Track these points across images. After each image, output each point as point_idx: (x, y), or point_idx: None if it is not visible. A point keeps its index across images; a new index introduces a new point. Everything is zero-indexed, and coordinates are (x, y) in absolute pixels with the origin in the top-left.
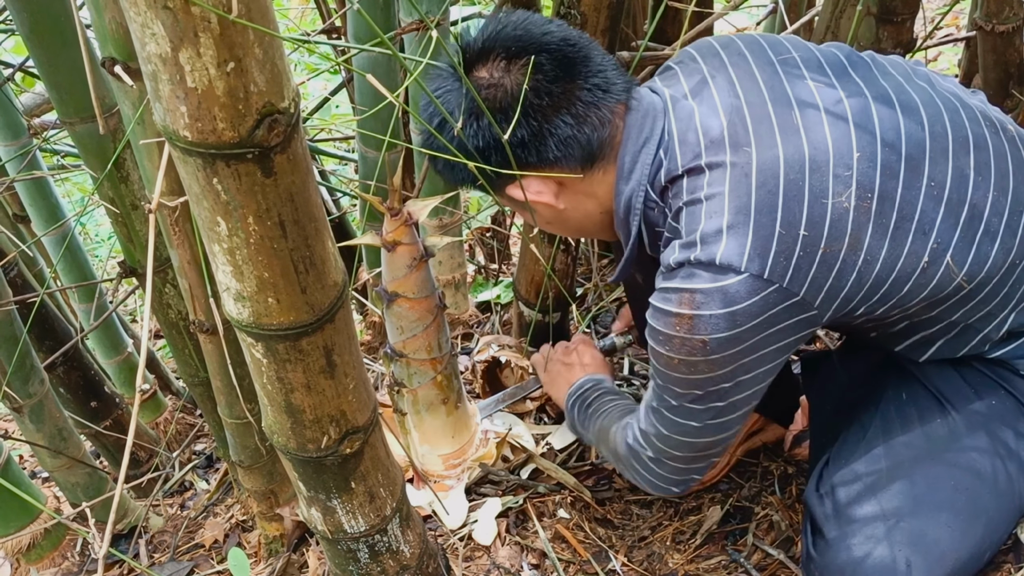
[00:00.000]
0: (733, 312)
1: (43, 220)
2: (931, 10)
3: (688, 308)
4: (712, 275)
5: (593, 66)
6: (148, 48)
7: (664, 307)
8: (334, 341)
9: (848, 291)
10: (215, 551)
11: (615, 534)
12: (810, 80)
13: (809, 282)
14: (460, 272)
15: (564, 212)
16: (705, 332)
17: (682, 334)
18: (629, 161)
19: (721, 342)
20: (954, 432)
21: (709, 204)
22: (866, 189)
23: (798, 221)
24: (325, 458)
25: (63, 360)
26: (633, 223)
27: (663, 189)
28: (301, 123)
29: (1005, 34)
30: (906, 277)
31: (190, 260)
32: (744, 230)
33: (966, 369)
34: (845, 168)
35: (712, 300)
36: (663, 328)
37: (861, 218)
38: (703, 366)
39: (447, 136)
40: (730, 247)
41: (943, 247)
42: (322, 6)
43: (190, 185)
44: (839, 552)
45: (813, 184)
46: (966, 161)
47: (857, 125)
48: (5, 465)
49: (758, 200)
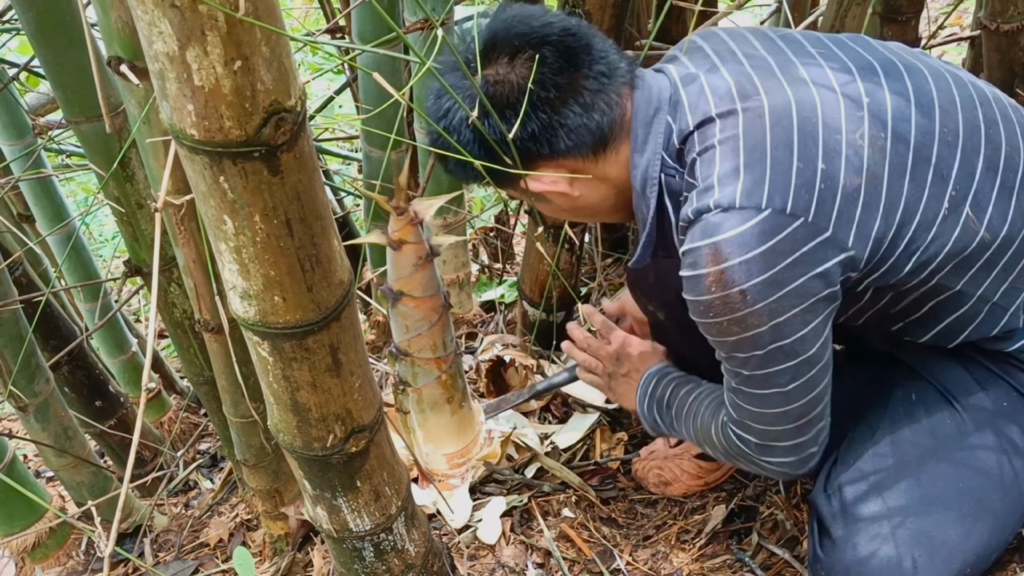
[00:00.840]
0: (763, 252)
1: (48, 219)
2: (935, 9)
3: (715, 264)
4: (732, 220)
5: (596, 53)
6: (155, 46)
7: (693, 273)
8: (340, 339)
9: (878, 229)
10: (220, 550)
11: (620, 533)
12: (811, 48)
13: (836, 216)
14: (464, 271)
15: (579, 199)
16: (740, 281)
17: (719, 292)
18: (642, 132)
19: (760, 288)
20: (962, 431)
21: (723, 147)
22: (879, 129)
23: (815, 155)
24: (331, 456)
25: (68, 359)
26: (651, 195)
27: (678, 152)
28: (307, 122)
29: (1009, 33)
30: (929, 222)
31: (195, 259)
32: (761, 167)
33: (974, 366)
34: (856, 109)
35: (738, 246)
36: (700, 295)
37: (876, 155)
38: (752, 319)
39: (456, 135)
40: (747, 184)
41: (962, 195)
42: (326, 5)
43: (197, 184)
44: (846, 551)
45: (827, 120)
46: (975, 114)
47: (863, 78)
48: (10, 464)
49: (773, 137)
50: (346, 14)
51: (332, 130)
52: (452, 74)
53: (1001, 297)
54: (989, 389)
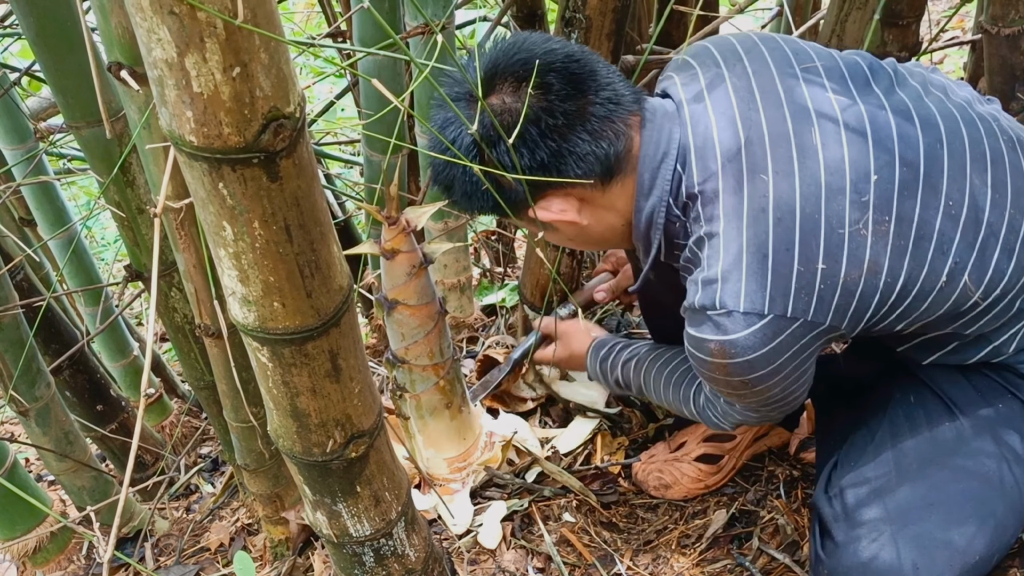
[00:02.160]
0: (765, 352)
1: (49, 224)
2: (937, 13)
3: (721, 358)
4: (737, 324)
5: (601, 80)
6: (154, 53)
7: (699, 354)
8: (339, 345)
9: (872, 310)
10: (221, 554)
11: (620, 538)
12: (831, 93)
13: (833, 311)
14: (465, 275)
15: (587, 228)
16: (743, 374)
17: (723, 376)
18: (648, 178)
19: (760, 377)
20: (962, 436)
21: (727, 239)
22: (883, 212)
23: (816, 256)
24: (330, 462)
25: (69, 363)
26: (655, 238)
27: (684, 205)
28: (307, 128)
29: (1010, 37)
30: (925, 294)
31: (196, 264)
32: (763, 270)
33: (972, 373)
34: (862, 193)
35: (742, 348)
36: (705, 370)
37: (879, 243)
38: (749, 394)
39: (460, 169)
40: (750, 289)
41: (961, 266)
42: (327, 10)
43: (196, 190)
44: (848, 555)
45: (829, 215)
46: (984, 178)
47: (876, 143)
48: (11, 468)
49: (775, 237)
50: (347, 18)
51: (335, 134)
52: (456, 104)
53: (991, 333)
54: (985, 392)
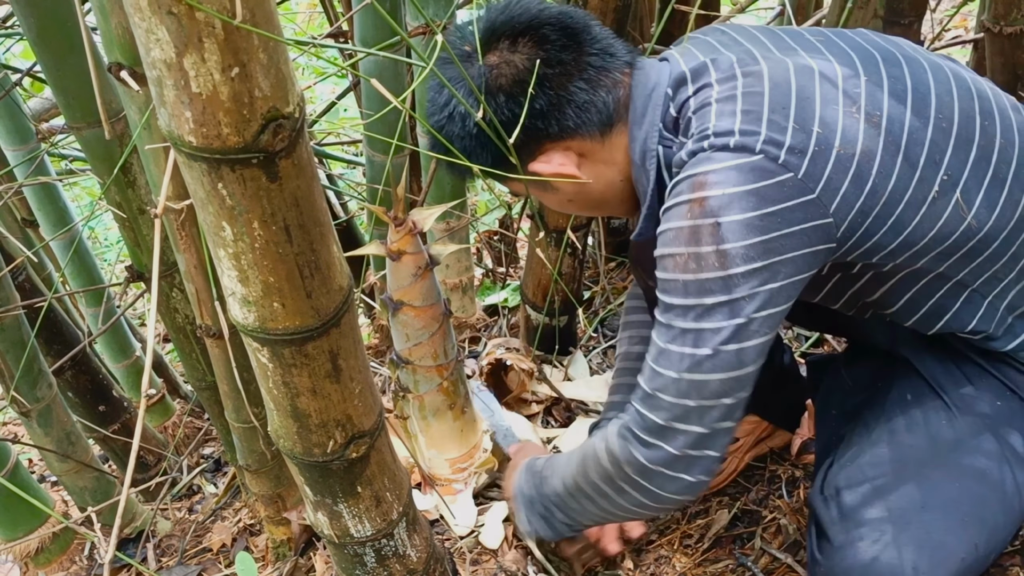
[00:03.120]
0: (747, 192)
1: (51, 224)
2: (940, 12)
3: (700, 191)
4: (725, 155)
5: (595, 34)
6: (153, 53)
7: (675, 201)
8: (340, 345)
9: (863, 203)
10: (223, 555)
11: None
12: (811, 37)
13: (825, 181)
14: (467, 276)
15: (587, 185)
16: (717, 213)
17: (694, 220)
18: (640, 106)
19: (734, 227)
20: (959, 434)
21: (719, 104)
22: (875, 107)
23: (811, 118)
24: (331, 463)
25: (71, 364)
26: (650, 166)
27: (674, 121)
28: (306, 128)
29: (1013, 36)
30: (917, 203)
31: (196, 264)
32: (758, 120)
33: (970, 368)
34: (853, 86)
35: (726, 178)
36: (674, 223)
37: (872, 131)
38: (713, 259)
39: (460, 125)
40: (744, 130)
41: (953, 180)
42: (329, 10)
43: (195, 190)
44: (845, 556)
45: (824, 92)
46: (971, 105)
47: (862, 63)
48: (14, 469)
49: (771, 99)
50: (348, 18)
51: (337, 134)
52: (453, 67)
53: (981, 285)
54: (982, 388)
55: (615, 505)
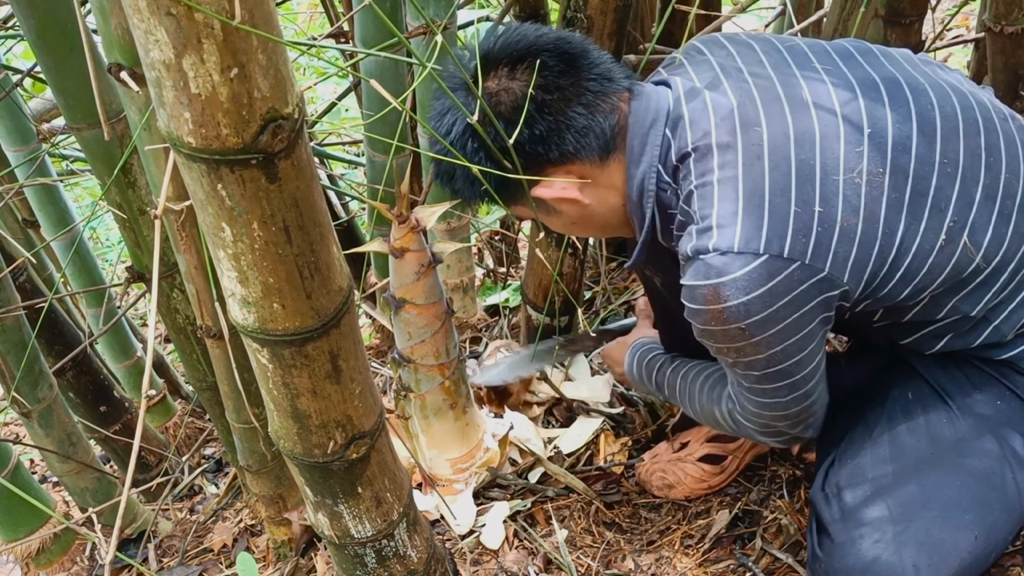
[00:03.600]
0: (760, 295)
1: (52, 225)
2: (941, 11)
3: (715, 303)
4: (731, 264)
5: (593, 59)
6: (152, 54)
7: (694, 306)
8: (340, 346)
9: (873, 265)
10: (224, 555)
11: (623, 538)
12: (817, 64)
13: (832, 256)
14: (468, 276)
15: (589, 208)
16: (738, 320)
17: (720, 327)
18: (638, 144)
19: (758, 324)
20: (960, 434)
21: (721, 187)
22: (877, 164)
23: (812, 199)
24: (331, 463)
25: (72, 365)
26: (647, 206)
27: (674, 169)
28: (305, 128)
29: (1014, 35)
30: (925, 254)
31: (197, 265)
32: (760, 212)
33: (971, 370)
34: (856, 144)
35: (736, 289)
36: (701, 324)
37: (874, 192)
38: (750, 349)
39: (463, 151)
40: (746, 230)
41: (959, 225)
42: (330, 10)
43: (195, 191)
44: (846, 554)
45: (824, 162)
46: (977, 141)
47: (867, 100)
48: (15, 470)
49: (771, 182)
50: (349, 18)
51: (339, 134)
52: (454, 93)
53: (990, 312)
54: (983, 388)
55: None
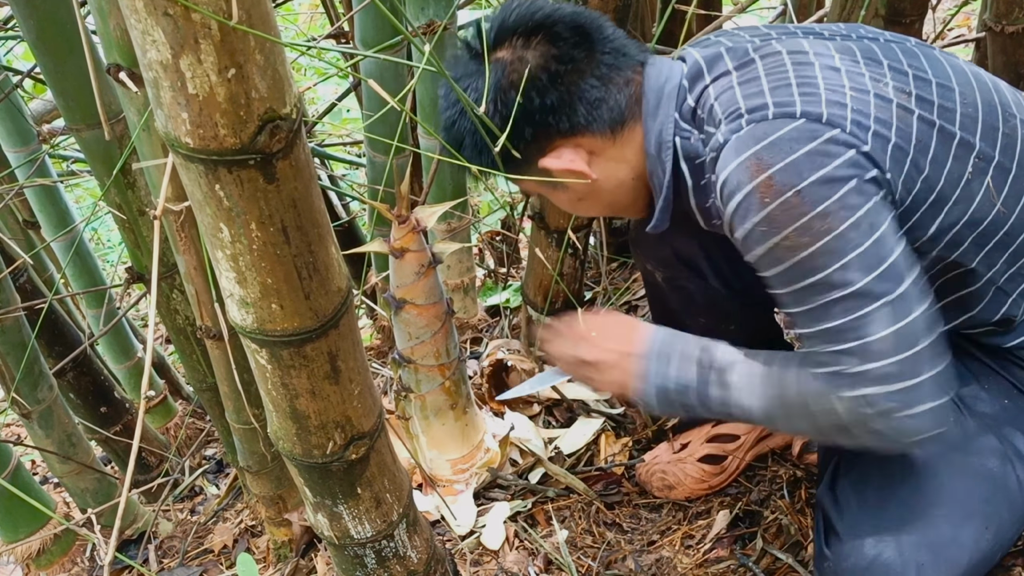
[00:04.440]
0: (806, 153)
1: (52, 226)
2: (942, 11)
3: (760, 172)
4: (767, 127)
5: (608, 33)
6: (149, 55)
7: (740, 194)
8: (339, 347)
9: (907, 174)
10: (224, 556)
11: (624, 538)
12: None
13: (873, 133)
14: (469, 276)
15: (597, 183)
16: (793, 183)
17: (775, 201)
18: (654, 99)
19: (815, 188)
20: (967, 433)
21: (743, 87)
22: (904, 84)
23: (842, 92)
24: (331, 464)
25: (73, 366)
26: (666, 157)
27: (692, 112)
28: (304, 129)
29: (1014, 35)
30: (954, 182)
31: (196, 266)
32: (789, 90)
33: (977, 365)
34: (877, 68)
35: (778, 151)
36: (756, 214)
37: (904, 102)
38: (818, 223)
39: (470, 121)
40: (778, 101)
41: (984, 163)
42: (330, 10)
43: (193, 192)
44: (852, 553)
45: (849, 68)
46: (991, 97)
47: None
48: (15, 471)
49: (797, 73)
50: (349, 18)
51: (340, 135)
52: (464, 64)
53: (1006, 282)
54: (989, 386)
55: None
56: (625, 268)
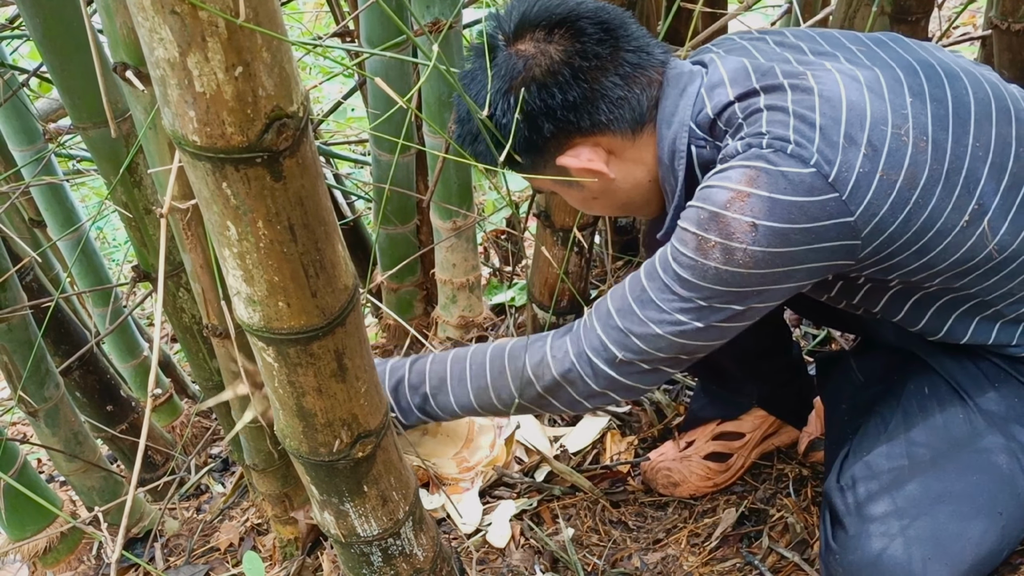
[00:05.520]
0: (792, 204)
1: (59, 224)
2: (948, 8)
3: (749, 185)
4: (781, 159)
5: (632, 31)
6: (156, 53)
7: (717, 184)
8: (345, 344)
9: (894, 230)
10: (230, 554)
11: (630, 536)
12: (850, 44)
13: (865, 204)
14: (474, 275)
15: (614, 183)
16: (758, 214)
17: (732, 213)
18: (670, 105)
19: (769, 233)
20: (975, 429)
21: (771, 113)
22: (921, 131)
23: (860, 138)
24: (337, 462)
25: (79, 364)
26: (679, 167)
27: (711, 123)
28: (310, 127)
29: (1020, 32)
30: (946, 232)
31: (203, 264)
32: (811, 135)
33: (987, 365)
34: (900, 107)
35: (775, 183)
36: (710, 206)
37: (919, 156)
38: (740, 256)
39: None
40: (799, 141)
41: (983, 210)
42: (335, 9)
43: (200, 190)
44: (860, 546)
45: (874, 109)
46: (1008, 130)
47: (906, 77)
48: (22, 469)
49: (822, 113)
50: (354, 16)
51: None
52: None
53: (996, 299)
54: (1000, 386)
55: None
56: (630, 266)
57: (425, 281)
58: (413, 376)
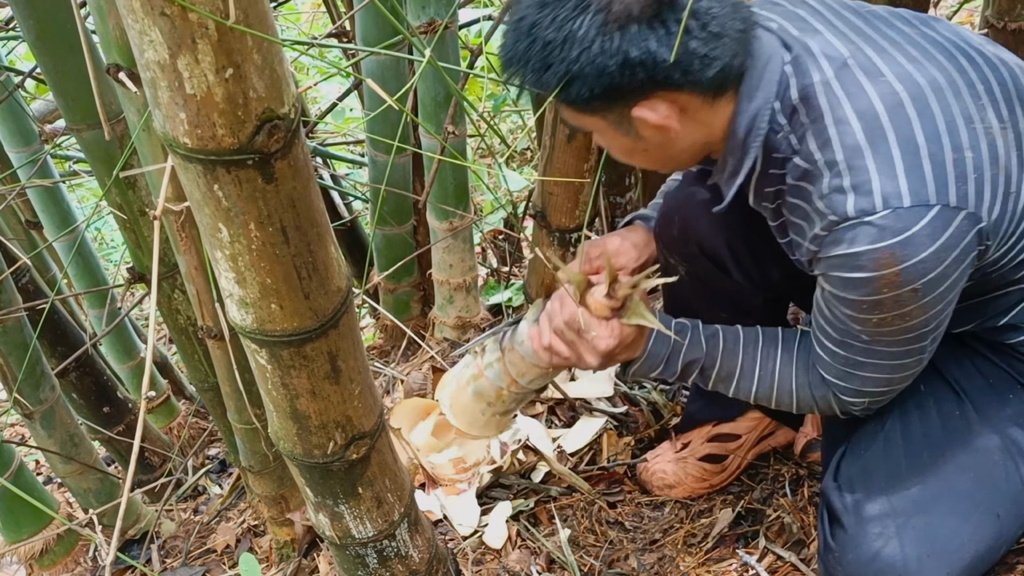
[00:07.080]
0: (935, 250)
1: (55, 226)
2: (944, 8)
3: (892, 266)
4: (905, 220)
5: None
6: (146, 55)
7: (861, 275)
8: (338, 347)
9: (1007, 223)
10: (227, 556)
11: (627, 537)
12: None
13: (988, 205)
14: (471, 275)
15: (673, 140)
16: (914, 280)
17: (892, 292)
18: (755, 78)
19: (931, 283)
20: (972, 428)
21: (871, 139)
22: (997, 116)
23: (962, 144)
24: (331, 464)
25: (75, 366)
26: (753, 145)
27: (792, 110)
28: (302, 128)
29: (1016, 31)
30: None
31: (197, 266)
32: (917, 160)
33: (981, 362)
34: (975, 96)
35: (915, 246)
36: (868, 294)
37: (1009, 145)
38: (918, 311)
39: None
40: (912, 181)
41: None
42: (332, 9)
43: (191, 192)
44: (857, 544)
45: (961, 108)
46: None
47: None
48: (18, 471)
49: (922, 128)
50: (350, 17)
51: (344, 135)
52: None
53: None
54: (995, 382)
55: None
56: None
57: (422, 282)
58: (707, 360)
